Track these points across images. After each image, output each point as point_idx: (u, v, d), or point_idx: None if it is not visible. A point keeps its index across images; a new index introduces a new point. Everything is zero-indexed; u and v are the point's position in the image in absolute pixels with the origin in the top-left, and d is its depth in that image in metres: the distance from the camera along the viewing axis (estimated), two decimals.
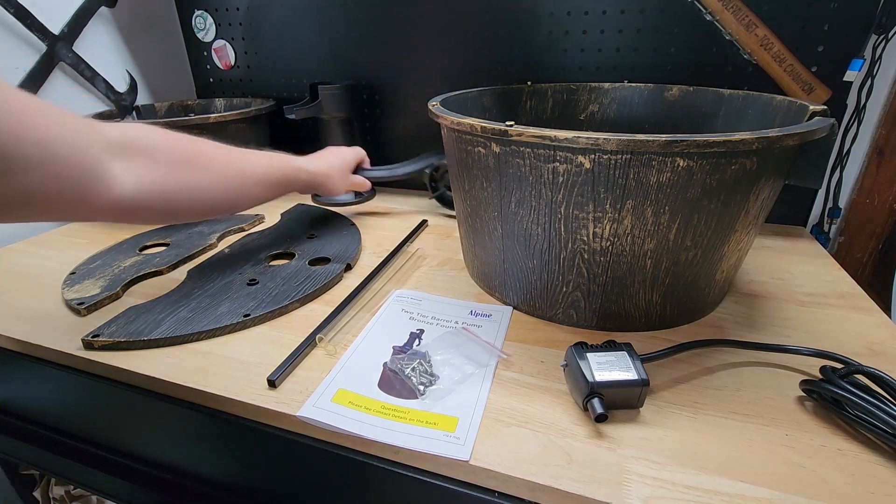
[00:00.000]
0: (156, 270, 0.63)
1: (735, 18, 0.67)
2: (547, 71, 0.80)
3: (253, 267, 0.63)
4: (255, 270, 0.62)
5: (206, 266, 0.63)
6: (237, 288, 0.57)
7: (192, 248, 0.69)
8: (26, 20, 0.75)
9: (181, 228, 0.76)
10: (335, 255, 0.66)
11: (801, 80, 0.67)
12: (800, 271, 0.64)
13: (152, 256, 0.67)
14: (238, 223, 0.78)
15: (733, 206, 0.44)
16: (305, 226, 0.77)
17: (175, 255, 0.67)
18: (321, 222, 0.78)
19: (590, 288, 0.49)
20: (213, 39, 1.00)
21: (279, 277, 0.60)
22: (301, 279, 0.59)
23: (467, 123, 0.46)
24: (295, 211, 0.83)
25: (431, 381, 0.44)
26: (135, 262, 0.65)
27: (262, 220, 0.82)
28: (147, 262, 0.65)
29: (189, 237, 0.73)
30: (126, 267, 0.63)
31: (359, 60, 0.91)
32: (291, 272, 0.61)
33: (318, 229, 0.75)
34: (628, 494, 0.33)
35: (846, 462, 0.36)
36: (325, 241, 0.71)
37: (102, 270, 0.63)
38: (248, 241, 0.71)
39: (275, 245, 0.69)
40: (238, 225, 0.78)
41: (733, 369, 0.45)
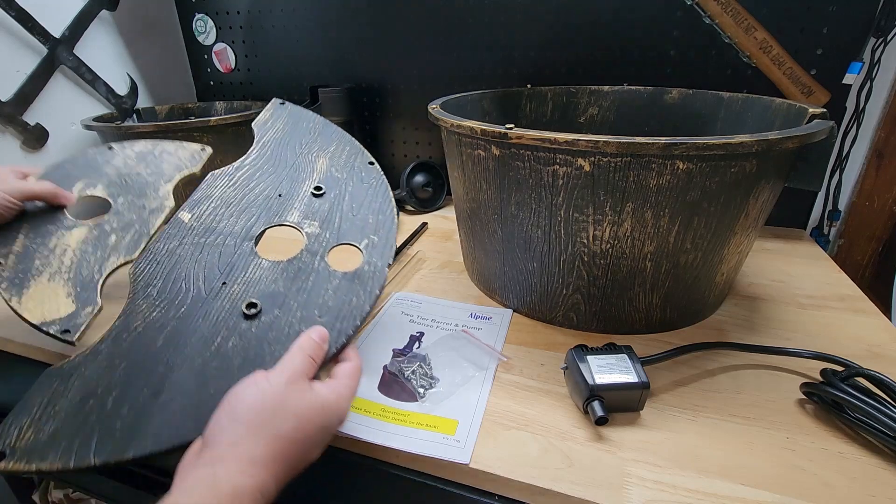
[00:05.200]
0: (128, 260, 0.46)
1: (734, 22, 0.68)
2: (546, 74, 0.81)
3: (241, 268, 0.42)
4: (246, 277, 0.41)
5: (157, 266, 0.42)
6: (223, 322, 0.38)
7: (146, 213, 0.50)
8: (27, 23, 0.75)
9: (106, 162, 0.54)
10: (366, 244, 0.46)
11: (801, 83, 0.68)
12: (800, 274, 0.64)
13: (103, 230, 0.47)
14: (188, 164, 0.56)
15: (733, 209, 0.44)
16: (301, 163, 0.52)
17: (135, 229, 0.48)
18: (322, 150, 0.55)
19: (590, 290, 0.49)
20: (214, 43, 1.00)
21: (290, 297, 0.40)
22: (324, 299, 0.41)
23: (467, 126, 0.46)
24: (276, 122, 0.56)
25: (431, 383, 0.44)
26: (84, 238, 0.47)
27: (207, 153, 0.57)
28: (101, 239, 0.46)
29: (126, 185, 0.52)
30: (78, 251, 0.45)
31: (359, 63, 0.92)
32: (305, 283, 0.42)
33: (323, 174, 0.52)
34: (629, 497, 0.33)
35: (847, 465, 0.36)
36: (339, 199, 0.50)
37: (44, 259, 0.45)
38: (217, 196, 0.48)
39: (263, 208, 0.47)
40: (189, 169, 0.55)
41: (734, 372, 0.45)
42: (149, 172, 0.53)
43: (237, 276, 0.42)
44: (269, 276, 0.42)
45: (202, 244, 0.44)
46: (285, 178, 0.50)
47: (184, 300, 0.40)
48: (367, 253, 0.44)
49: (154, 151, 0.55)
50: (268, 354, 0.37)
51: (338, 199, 0.48)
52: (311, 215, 0.47)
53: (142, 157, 0.55)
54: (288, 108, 0.58)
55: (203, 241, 0.44)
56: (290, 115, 0.57)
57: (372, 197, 0.49)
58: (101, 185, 0.51)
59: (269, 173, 0.50)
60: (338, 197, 0.49)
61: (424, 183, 0.88)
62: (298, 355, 0.35)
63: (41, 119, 0.79)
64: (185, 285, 0.41)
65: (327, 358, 0.37)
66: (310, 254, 0.43)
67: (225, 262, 0.43)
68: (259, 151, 0.52)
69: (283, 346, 0.36)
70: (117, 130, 0.77)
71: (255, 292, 0.40)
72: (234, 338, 0.38)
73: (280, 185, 0.49)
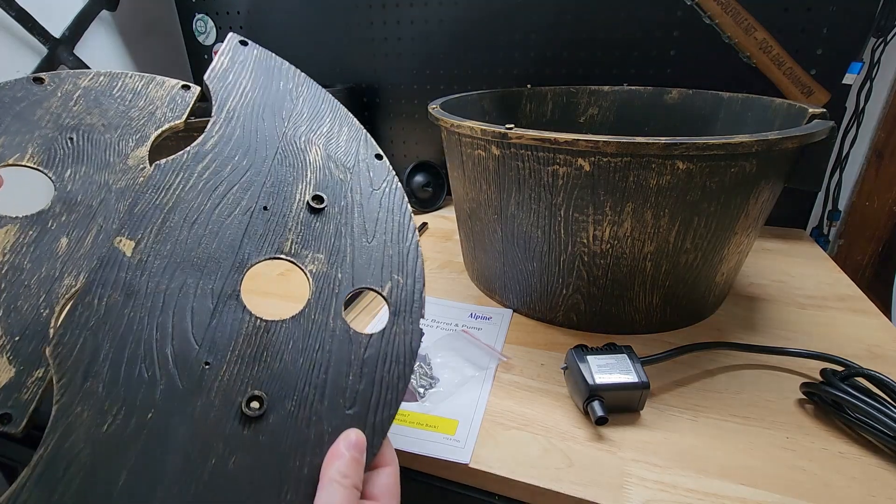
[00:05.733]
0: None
1: (734, 22, 0.68)
2: (546, 74, 0.81)
3: (230, 327, 0.29)
4: (234, 352, 0.28)
5: (97, 339, 0.27)
6: (219, 435, 0.26)
7: (113, 197, 0.31)
8: (27, 23, 0.75)
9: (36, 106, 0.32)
10: (390, 287, 0.36)
11: (801, 83, 0.68)
12: (800, 274, 0.64)
13: (45, 229, 0.29)
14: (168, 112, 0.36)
15: (733, 209, 0.44)
16: (286, 151, 0.37)
17: (98, 225, 0.30)
18: (314, 132, 0.40)
19: (590, 290, 0.49)
20: (214, 43, 1.00)
21: (302, 376, 0.29)
22: (352, 377, 0.30)
23: (467, 126, 0.46)
24: (241, 75, 0.39)
25: (431, 383, 0.44)
26: (14, 245, 0.28)
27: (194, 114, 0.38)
28: (45, 245, 0.28)
29: (75, 147, 0.32)
30: (7, 269, 0.28)
31: (359, 64, 0.92)
32: (320, 353, 0.30)
33: (320, 174, 0.38)
34: (629, 497, 0.33)
35: (847, 465, 0.36)
36: (346, 216, 0.36)
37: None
38: (172, 225, 0.31)
39: (245, 228, 0.32)
40: (170, 122, 0.36)
41: (734, 372, 0.45)
42: (108, 125, 0.33)
43: (225, 351, 0.28)
44: (272, 349, 0.29)
45: (160, 295, 0.28)
46: (268, 177, 0.34)
47: (149, 398, 0.26)
48: (393, 302, 0.32)
49: (112, 90, 0.35)
50: (292, 472, 0.26)
51: (344, 216, 0.34)
52: (314, 242, 0.32)
53: (94, 99, 0.34)
54: (254, 52, 0.40)
55: (161, 290, 0.28)
56: (259, 64, 0.39)
57: (387, 212, 0.35)
58: (31, 149, 0.31)
59: (243, 168, 0.34)
60: (344, 212, 0.34)
61: (424, 183, 0.88)
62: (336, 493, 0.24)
63: None
64: (147, 370, 0.26)
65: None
66: (320, 308, 0.30)
67: (201, 327, 0.28)
68: (223, 129, 0.35)
69: (308, 456, 0.26)
70: None
71: (255, 376, 0.28)
72: (237, 455, 0.26)
73: (262, 189, 0.33)
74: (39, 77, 0.34)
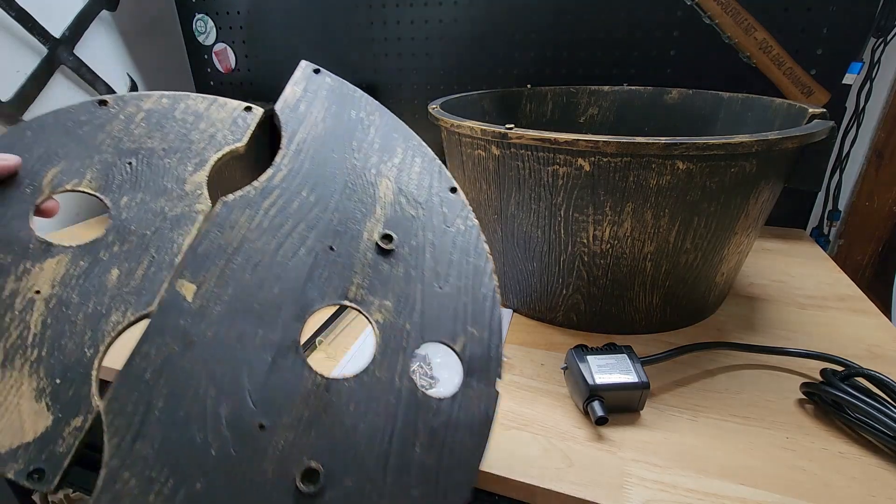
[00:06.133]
0: (141, 316, 0.27)
1: (734, 22, 0.68)
2: (546, 74, 0.81)
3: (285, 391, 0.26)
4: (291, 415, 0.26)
5: (151, 395, 0.25)
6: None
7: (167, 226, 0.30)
8: (27, 23, 0.75)
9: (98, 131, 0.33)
10: (463, 342, 0.33)
11: (801, 83, 0.68)
12: (800, 274, 0.64)
13: (96, 259, 0.28)
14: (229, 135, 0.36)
15: (733, 209, 0.44)
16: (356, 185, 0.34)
17: (150, 257, 0.29)
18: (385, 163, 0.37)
19: (590, 290, 0.49)
20: (214, 43, 1.00)
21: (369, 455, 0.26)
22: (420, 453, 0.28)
23: (467, 126, 0.46)
24: (313, 105, 0.38)
25: (431, 383, 0.44)
26: (65, 276, 0.27)
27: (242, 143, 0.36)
28: (94, 277, 0.27)
29: (133, 172, 0.32)
30: (54, 304, 0.26)
31: (359, 64, 0.92)
32: (385, 419, 0.28)
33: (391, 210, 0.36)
34: (629, 497, 0.33)
35: (847, 465, 0.36)
36: (417, 257, 0.34)
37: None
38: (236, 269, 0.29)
39: (306, 271, 0.30)
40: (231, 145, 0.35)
41: (734, 372, 0.45)
42: (168, 149, 0.33)
43: (282, 412, 0.25)
44: (332, 412, 0.26)
45: (218, 346, 0.26)
46: (335, 214, 0.31)
47: (199, 466, 0.23)
48: (467, 359, 0.29)
49: (174, 112, 0.35)
50: None
51: (415, 258, 0.31)
52: (381, 287, 0.29)
53: (156, 122, 0.34)
54: (326, 80, 0.39)
55: (219, 340, 0.26)
56: (332, 93, 0.38)
57: (462, 253, 0.32)
58: (90, 174, 0.31)
59: (310, 203, 0.31)
60: (415, 253, 0.31)
61: None
62: None
63: None
64: (199, 433, 0.24)
65: None
66: (386, 364, 0.28)
67: (257, 384, 0.25)
68: (292, 163, 0.33)
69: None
70: None
71: (312, 443, 0.25)
72: None
73: (329, 227, 0.31)
74: (104, 100, 0.34)
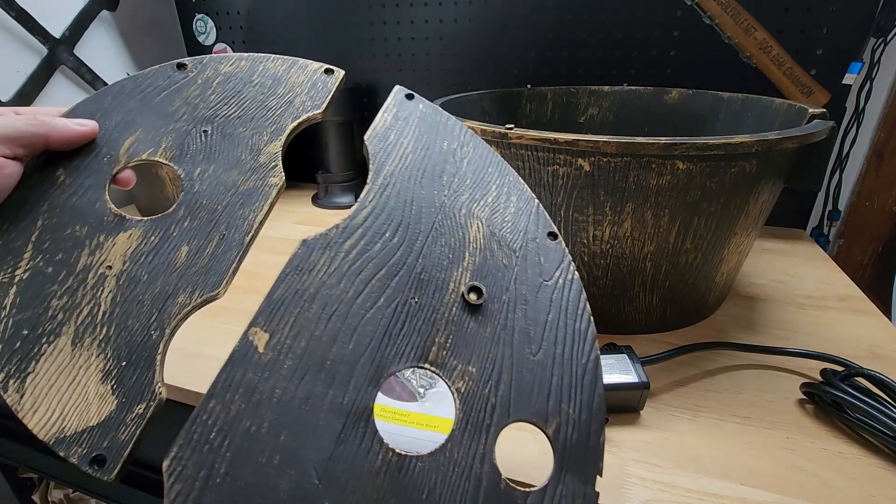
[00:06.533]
0: (208, 298, 0.26)
1: (734, 22, 0.68)
2: (546, 74, 0.81)
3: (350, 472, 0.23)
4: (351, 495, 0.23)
5: (214, 459, 0.22)
6: None
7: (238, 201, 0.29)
8: (27, 23, 0.75)
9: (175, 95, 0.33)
10: (556, 423, 0.28)
11: (801, 84, 0.68)
12: (800, 274, 0.64)
13: (167, 235, 0.27)
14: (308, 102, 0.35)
15: (733, 209, 0.44)
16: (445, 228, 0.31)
17: (221, 234, 0.28)
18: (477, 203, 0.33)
19: (590, 290, 0.49)
20: (214, 43, 1.00)
21: None
22: None
23: (467, 126, 0.46)
24: (405, 133, 0.35)
25: (431, 383, 0.44)
26: (135, 251, 0.26)
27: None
28: (164, 255, 0.27)
29: (207, 143, 0.31)
30: (124, 280, 0.25)
31: (359, 64, 0.92)
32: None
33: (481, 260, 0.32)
34: (629, 497, 0.33)
35: (847, 465, 0.36)
36: (507, 317, 0.31)
37: (66, 298, 0.24)
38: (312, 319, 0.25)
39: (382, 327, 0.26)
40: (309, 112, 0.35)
41: (734, 372, 0.45)
42: (244, 117, 0.32)
43: (345, 490, 0.22)
44: (402, 496, 0.23)
45: (285, 406, 0.23)
46: (419, 259, 0.28)
47: None
48: (559, 446, 0.25)
49: (252, 76, 0.34)
50: None
51: (506, 316, 0.27)
52: (465, 349, 0.26)
53: (232, 87, 0.33)
54: (419, 106, 0.36)
55: (287, 399, 0.23)
56: (423, 121, 0.35)
57: (560, 312, 0.28)
58: (166, 143, 0.30)
59: (393, 246, 0.28)
60: (505, 310, 0.27)
61: None
62: None
63: None
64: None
65: None
66: (466, 444, 0.24)
67: (323, 455, 0.22)
68: (377, 199, 0.30)
69: None
70: None
71: None
72: None
73: (412, 275, 0.27)
74: (183, 63, 0.33)
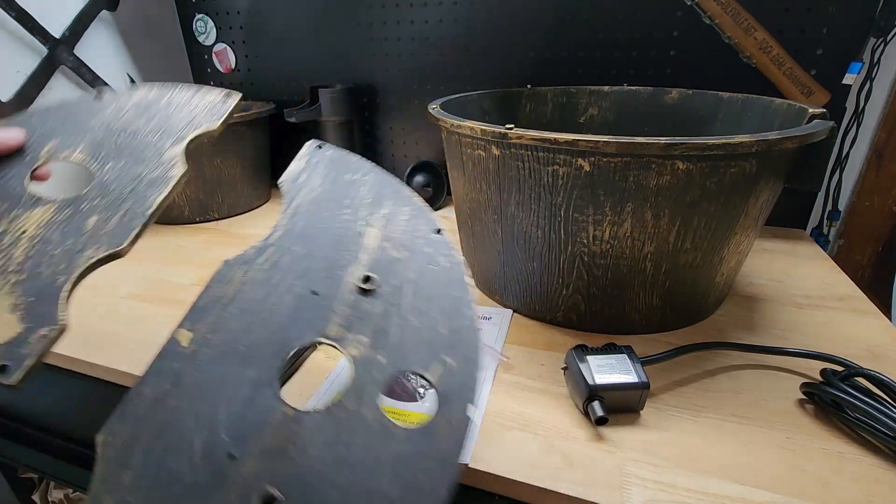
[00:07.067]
0: (112, 253, 0.31)
1: (734, 22, 0.68)
2: (546, 74, 0.81)
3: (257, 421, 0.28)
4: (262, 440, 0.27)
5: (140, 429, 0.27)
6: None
7: (143, 186, 0.35)
8: (27, 24, 0.75)
9: (93, 116, 0.39)
10: (440, 373, 0.31)
11: (800, 84, 0.68)
12: (800, 274, 0.64)
13: (78, 209, 0.33)
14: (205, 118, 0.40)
15: (733, 209, 0.44)
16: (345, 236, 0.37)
17: (127, 207, 0.33)
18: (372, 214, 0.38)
19: (590, 291, 0.49)
20: (214, 43, 1.01)
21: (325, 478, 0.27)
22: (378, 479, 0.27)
23: (467, 126, 0.46)
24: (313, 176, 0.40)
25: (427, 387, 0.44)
26: (50, 221, 0.32)
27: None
28: (74, 222, 0.32)
29: (118, 146, 0.37)
30: (38, 240, 0.31)
31: (359, 64, 0.92)
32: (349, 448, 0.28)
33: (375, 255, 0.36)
34: (629, 497, 0.33)
35: (847, 465, 0.36)
36: (396, 295, 0.34)
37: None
38: (228, 298, 0.32)
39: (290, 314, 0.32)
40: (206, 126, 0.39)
41: (733, 372, 0.45)
42: (151, 129, 0.39)
43: (250, 443, 0.27)
44: (299, 443, 0.27)
45: (204, 385, 0.28)
46: (322, 263, 0.34)
47: (173, 491, 0.25)
48: (441, 388, 0.29)
49: (160, 101, 0.41)
50: None
51: (395, 295, 0.32)
52: (358, 324, 0.31)
53: (143, 108, 0.40)
54: (328, 152, 0.42)
55: (205, 381, 0.28)
56: (331, 162, 0.41)
57: (443, 288, 0.33)
58: (82, 147, 0.37)
59: (301, 257, 0.34)
60: (395, 292, 0.33)
61: (424, 183, 0.88)
62: None
63: None
64: (177, 463, 0.26)
65: None
66: (356, 396, 0.28)
67: (233, 418, 0.27)
68: (288, 223, 0.36)
69: None
70: None
71: (276, 472, 0.26)
72: None
73: (316, 276, 0.33)
74: (100, 90, 0.41)
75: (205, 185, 0.83)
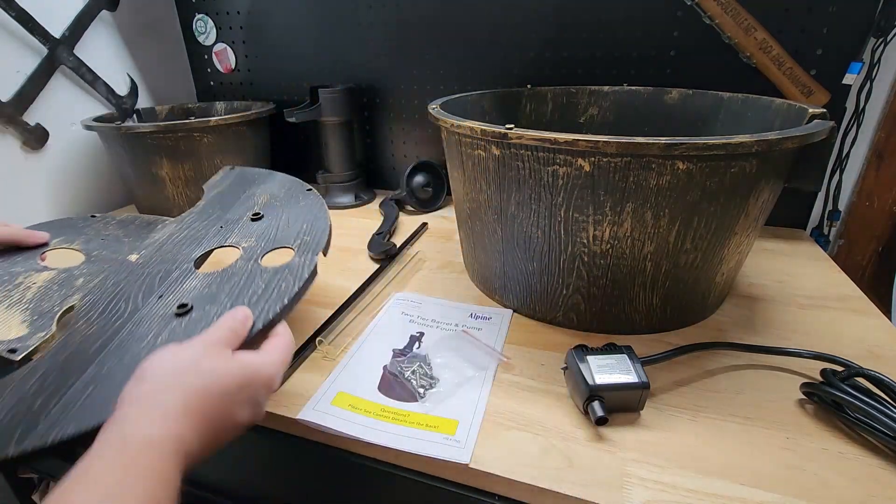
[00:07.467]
0: (87, 297, 0.45)
1: (734, 22, 0.68)
2: (546, 74, 0.81)
3: (178, 282, 0.44)
4: (182, 287, 0.43)
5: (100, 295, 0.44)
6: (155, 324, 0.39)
7: (120, 259, 0.49)
8: (28, 24, 0.75)
9: (87, 226, 0.57)
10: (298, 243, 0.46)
11: (801, 84, 0.68)
12: (800, 274, 0.64)
13: (70, 274, 0.47)
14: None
15: (733, 209, 0.44)
16: (243, 202, 0.57)
17: (104, 274, 0.47)
18: (264, 191, 0.59)
19: (590, 291, 0.49)
20: (214, 43, 1.00)
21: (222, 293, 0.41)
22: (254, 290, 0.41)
23: (467, 126, 0.46)
24: (224, 181, 0.62)
25: (431, 383, 0.44)
26: (52, 279, 0.47)
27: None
28: (68, 281, 0.46)
29: (103, 242, 0.54)
30: (43, 288, 0.46)
31: (359, 64, 0.92)
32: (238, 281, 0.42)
33: (263, 205, 0.55)
34: (629, 497, 0.33)
35: (847, 465, 0.36)
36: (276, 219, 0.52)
37: (7, 292, 0.46)
38: (164, 238, 0.51)
39: (204, 239, 0.50)
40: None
41: (733, 372, 0.45)
42: (126, 235, 0.56)
43: (173, 289, 0.43)
44: (203, 283, 0.43)
45: (146, 274, 0.46)
46: (229, 214, 0.54)
47: (120, 315, 0.41)
48: (298, 249, 0.46)
49: (135, 221, 0.59)
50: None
51: (274, 220, 0.51)
52: (249, 235, 0.49)
53: (122, 222, 0.59)
54: (237, 171, 0.65)
55: (147, 272, 0.46)
56: (239, 174, 0.64)
57: (307, 212, 0.52)
58: (78, 242, 0.54)
59: (214, 215, 0.54)
60: (275, 218, 0.51)
61: (424, 183, 0.88)
62: (217, 328, 0.34)
63: (41, 120, 0.79)
64: (124, 305, 0.42)
65: (252, 334, 0.36)
66: (244, 260, 0.45)
67: (164, 282, 0.44)
68: (206, 200, 0.58)
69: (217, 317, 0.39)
70: (117, 131, 0.77)
71: (188, 298, 0.41)
72: (164, 333, 0.38)
73: (223, 220, 0.53)
74: (93, 215, 0.61)
75: None
